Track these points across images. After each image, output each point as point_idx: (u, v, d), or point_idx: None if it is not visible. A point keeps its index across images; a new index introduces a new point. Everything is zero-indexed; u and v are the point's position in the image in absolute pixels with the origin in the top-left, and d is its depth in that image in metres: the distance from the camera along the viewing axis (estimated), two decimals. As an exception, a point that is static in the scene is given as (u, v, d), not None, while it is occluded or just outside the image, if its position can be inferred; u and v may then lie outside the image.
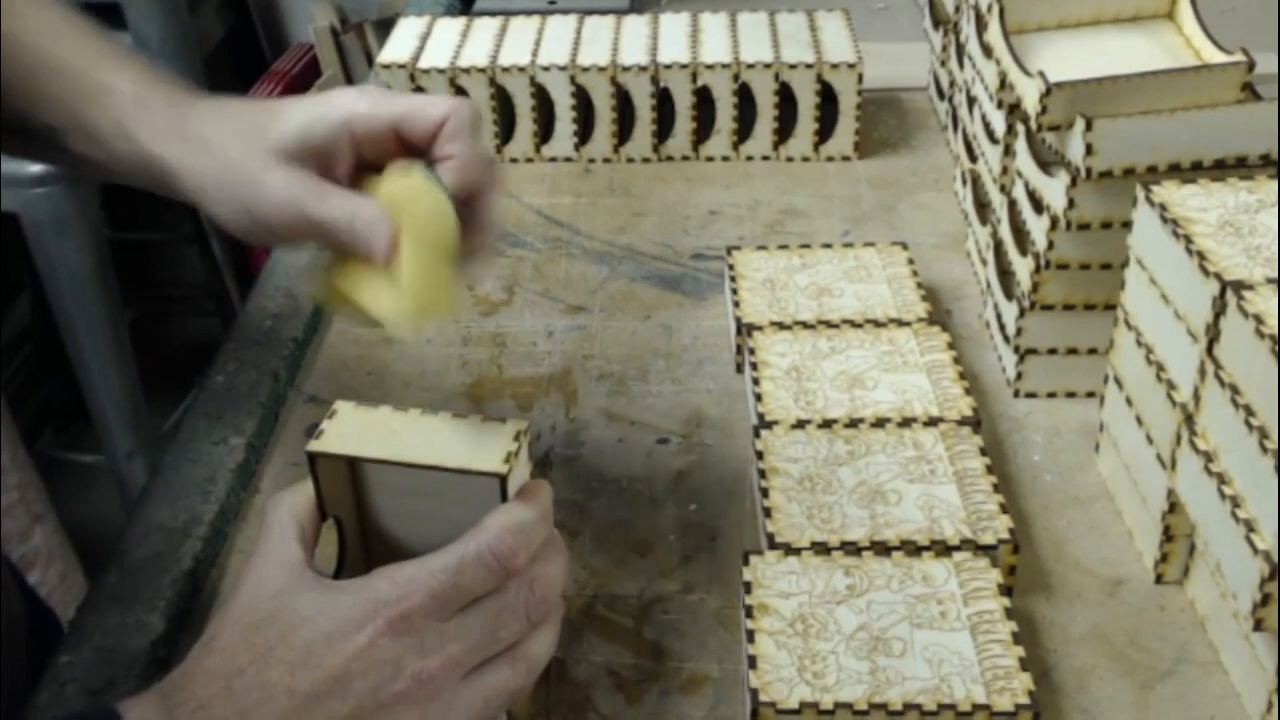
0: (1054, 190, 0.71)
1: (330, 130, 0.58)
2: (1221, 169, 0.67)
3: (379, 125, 0.58)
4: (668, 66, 1.02)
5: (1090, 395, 0.77)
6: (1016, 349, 0.77)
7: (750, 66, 1.01)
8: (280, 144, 0.57)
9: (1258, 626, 0.54)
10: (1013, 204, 0.79)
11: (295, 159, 0.57)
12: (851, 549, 0.62)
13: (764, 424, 0.70)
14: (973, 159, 0.91)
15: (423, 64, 1.03)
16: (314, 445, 0.54)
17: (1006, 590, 0.60)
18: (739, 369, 0.81)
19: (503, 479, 0.52)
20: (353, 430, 0.55)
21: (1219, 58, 0.72)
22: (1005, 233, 0.80)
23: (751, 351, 0.76)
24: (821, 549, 0.62)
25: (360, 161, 0.59)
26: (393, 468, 0.54)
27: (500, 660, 0.51)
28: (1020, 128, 0.77)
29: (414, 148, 0.58)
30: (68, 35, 0.62)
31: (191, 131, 0.59)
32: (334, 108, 0.58)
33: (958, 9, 0.95)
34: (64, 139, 0.61)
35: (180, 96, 0.61)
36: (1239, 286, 0.55)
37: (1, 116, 0.62)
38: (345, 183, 0.59)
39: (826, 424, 0.70)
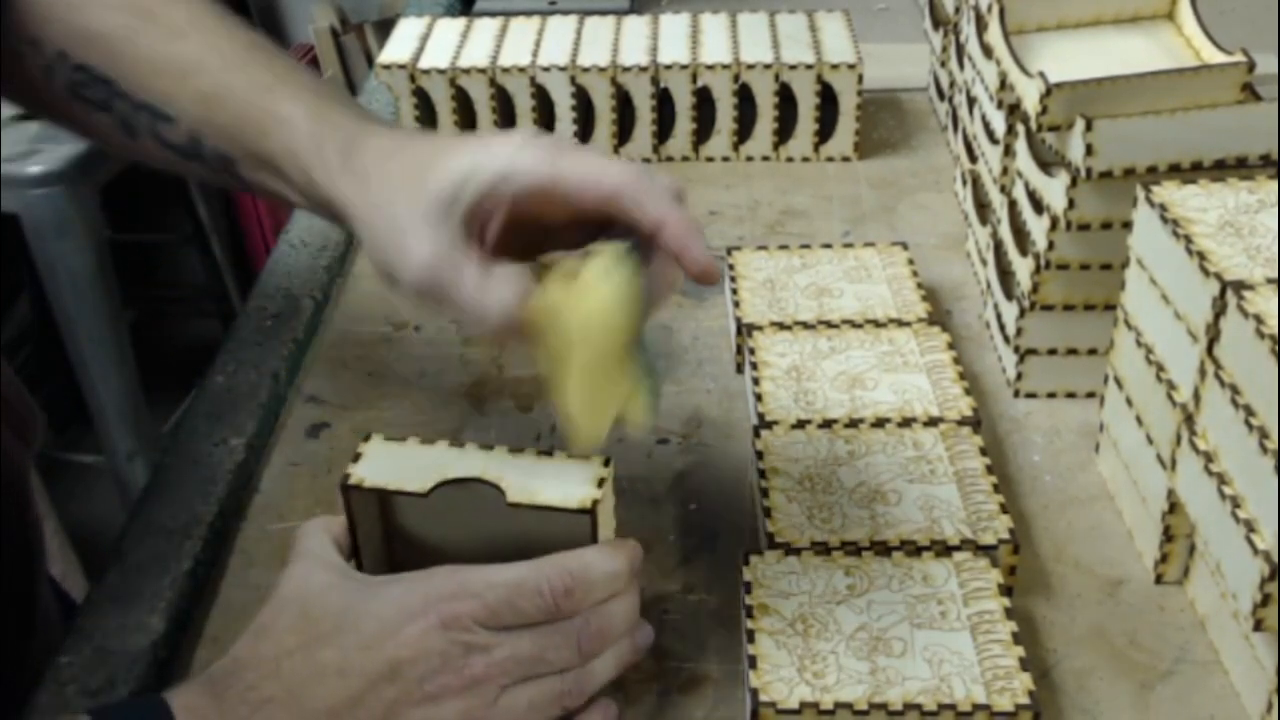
0: (1054, 190, 0.71)
1: (484, 184, 0.54)
2: (1221, 169, 0.67)
3: (539, 183, 0.54)
4: (668, 67, 1.02)
5: (1090, 395, 0.77)
6: (1016, 349, 0.77)
7: (750, 67, 1.01)
8: (438, 195, 0.53)
9: (1258, 626, 0.54)
10: (1013, 204, 0.79)
11: (450, 213, 0.53)
12: (851, 549, 0.62)
13: (764, 424, 0.70)
14: (973, 159, 0.91)
15: (423, 64, 1.03)
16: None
17: (1006, 590, 0.60)
18: (739, 369, 0.81)
19: (592, 514, 0.53)
20: (392, 463, 0.56)
21: (1219, 58, 0.72)
22: (1005, 233, 0.80)
23: (751, 351, 0.76)
24: (821, 549, 0.62)
25: (520, 216, 0.55)
26: (471, 498, 0.55)
27: (550, 675, 0.53)
28: (1020, 128, 0.77)
29: (586, 212, 0.54)
30: (242, 61, 0.60)
31: (359, 169, 0.56)
32: (492, 157, 0.54)
33: (958, 9, 0.95)
34: (237, 168, 0.60)
35: (353, 126, 0.58)
36: (1239, 286, 0.55)
37: (179, 143, 0.61)
38: (493, 239, 0.55)
39: (826, 424, 0.70)
